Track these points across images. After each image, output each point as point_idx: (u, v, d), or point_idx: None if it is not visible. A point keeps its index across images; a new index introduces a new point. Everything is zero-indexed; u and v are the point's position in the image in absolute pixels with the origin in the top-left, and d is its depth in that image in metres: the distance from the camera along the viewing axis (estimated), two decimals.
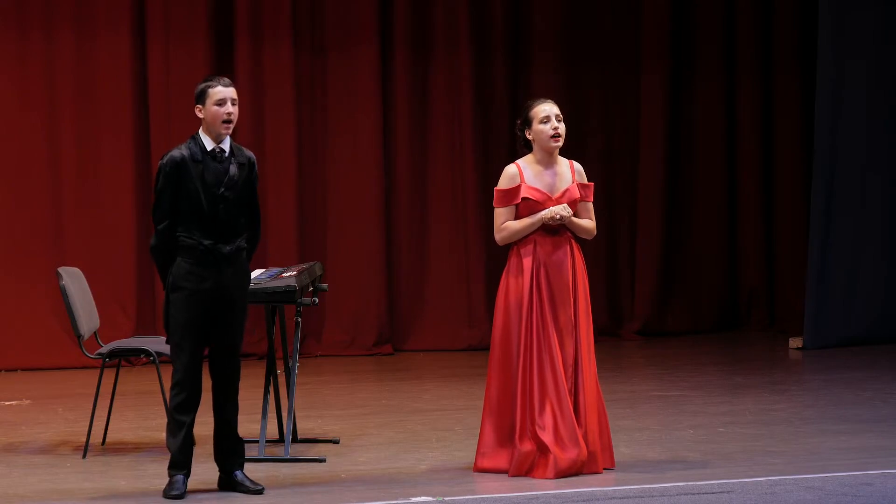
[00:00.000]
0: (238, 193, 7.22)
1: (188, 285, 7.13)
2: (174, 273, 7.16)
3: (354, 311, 12.87)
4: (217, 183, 7.15)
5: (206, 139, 7.20)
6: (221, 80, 7.23)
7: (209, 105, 7.17)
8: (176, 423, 7.18)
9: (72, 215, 12.26)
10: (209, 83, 7.21)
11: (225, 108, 7.16)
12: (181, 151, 7.16)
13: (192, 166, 7.13)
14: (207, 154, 7.17)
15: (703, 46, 13.86)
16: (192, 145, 7.19)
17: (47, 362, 12.05)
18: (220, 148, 7.20)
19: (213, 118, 7.17)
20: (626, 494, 7.03)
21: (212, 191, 7.14)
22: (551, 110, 7.59)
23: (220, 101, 7.16)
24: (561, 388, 7.42)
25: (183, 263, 7.15)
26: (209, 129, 7.20)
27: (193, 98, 7.23)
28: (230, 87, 7.22)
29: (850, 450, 8.09)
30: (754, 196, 13.97)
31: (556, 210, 7.52)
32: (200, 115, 7.20)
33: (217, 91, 7.17)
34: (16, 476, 7.76)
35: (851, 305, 12.75)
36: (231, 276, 7.20)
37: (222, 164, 7.19)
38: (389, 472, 7.74)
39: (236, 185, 7.21)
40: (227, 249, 7.18)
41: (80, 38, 12.23)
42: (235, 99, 7.22)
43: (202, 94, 7.19)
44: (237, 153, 7.27)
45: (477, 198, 12.98)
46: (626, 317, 13.72)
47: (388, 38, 13.00)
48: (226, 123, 7.17)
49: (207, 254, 7.14)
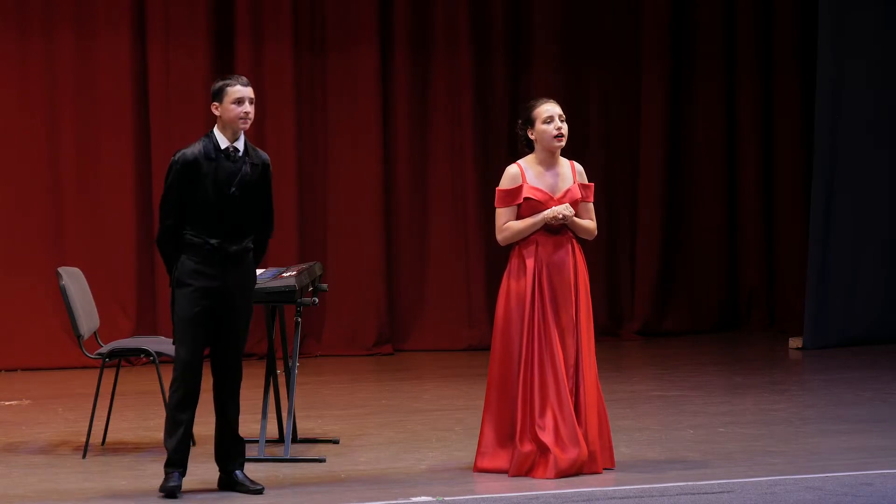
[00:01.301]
0: (249, 194, 7.22)
1: (192, 282, 7.13)
2: (179, 269, 7.16)
3: (354, 311, 12.87)
4: (228, 182, 7.15)
5: (221, 137, 7.19)
6: (240, 80, 7.22)
7: (227, 103, 7.16)
8: (174, 422, 7.18)
9: (72, 215, 12.26)
10: (227, 81, 7.20)
11: (243, 108, 7.16)
12: (194, 149, 7.15)
13: (204, 164, 7.12)
14: (221, 152, 7.17)
15: (703, 46, 13.86)
16: (207, 143, 7.18)
17: (47, 362, 12.05)
18: (234, 147, 7.19)
19: (230, 116, 7.16)
20: (626, 494, 7.03)
21: (222, 189, 7.14)
22: (554, 110, 7.58)
23: (238, 100, 7.16)
24: (562, 388, 7.41)
25: (188, 261, 7.15)
26: (225, 128, 7.19)
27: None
28: (248, 87, 7.21)
29: (850, 450, 8.09)
30: (754, 196, 13.97)
31: (558, 210, 7.52)
32: (217, 113, 7.19)
33: (236, 90, 7.16)
34: (16, 476, 7.76)
35: (851, 305, 12.75)
36: (236, 276, 7.20)
37: (235, 164, 7.18)
38: (389, 472, 7.74)
39: (248, 185, 7.20)
40: (234, 249, 7.17)
41: (80, 38, 12.24)
42: (253, 98, 7.22)
43: (220, 91, 7.18)
44: (252, 154, 7.27)
45: (477, 198, 12.98)
46: (626, 317, 13.72)
47: (388, 38, 13.00)
48: (242, 122, 7.17)
49: (213, 253, 7.13)
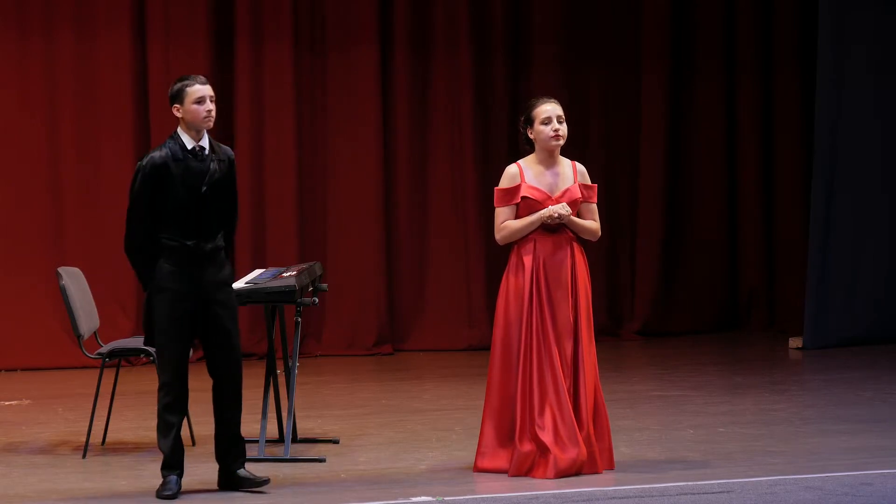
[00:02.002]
0: (219, 191, 7.23)
1: (172, 286, 7.13)
2: (157, 274, 7.15)
3: (354, 311, 12.87)
4: (199, 182, 7.16)
5: (186, 137, 7.20)
6: (198, 79, 7.23)
7: (188, 104, 7.16)
8: (166, 425, 7.17)
9: (72, 215, 12.26)
10: (186, 82, 7.20)
11: (205, 106, 7.16)
12: (161, 152, 7.15)
13: (172, 166, 7.13)
14: (188, 153, 7.17)
15: (703, 46, 13.85)
16: (172, 144, 7.19)
17: (47, 362, 12.05)
18: (200, 146, 7.19)
19: (193, 117, 7.16)
20: (626, 494, 7.03)
21: (195, 190, 7.14)
22: (553, 111, 7.57)
23: (200, 100, 7.16)
24: (560, 388, 7.41)
25: (165, 264, 7.15)
26: (189, 128, 7.20)
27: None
28: (207, 85, 7.21)
29: (850, 450, 8.09)
30: (754, 196, 13.97)
31: (554, 209, 7.51)
32: (179, 115, 7.20)
33: (196, 89, 7.17)
34: (16, 476, 7.76)
35: (851, 305, 12.75)
36: (213, 274, 7.20)
37: (203, 163, 7.19)
38: (389, 472, 7.74)
39: (217, 182, 7.22)
40: (209, 247, 7.19)
41: (80, 38, 12.24)
42: (213, 96, 7.22)
43: (180, 93, 7.18)
44: (217, 150, 7.28)
45: (477, 198, 12.98)
46: (626, 317, 13.72)
47: (388, 38, 13.00)
48: (206, 120, 7.18)
49: (191, 253, 7.14)
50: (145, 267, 7.19)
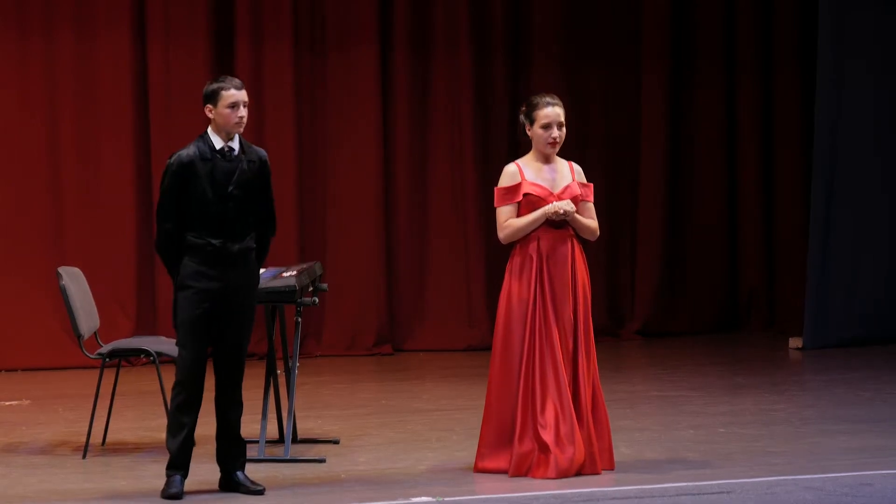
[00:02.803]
0: (248, 192, 7.21)
1: (195, 284, 7.11)
2: (181, 272, 7.15)
3: (354, 311, 12.86)
4: (226, 181, 7.13)
5: (216, 138, 7.17)
6: (234, 82, 7.17)
7: (221, 107, 7.12)
8: (177, 424, 7.16)
9: (72, 215, 12.26)
10: (222, 84, 7.15)
11: (237, 112, 7.13)
12: (189, 151, 7.12)
13: (200, 165, 7.10)
14: (217, 153, 7.15)
15: (703, 46, 13.85)
16: (201, 144, 7.15)
17: (47, 362, 12.04)
18: (229, 146, 7.17)
19: (225, 120, 7.13)
20: (626, 494, 7.03)
21: (221, 190, 7.12)
22: (555, 117, 7.55)
23: (233, 105, 7.12)
24: (562, 386, 7.41)
25: (190, 262, 7.13)
26: (219, 130, 7.17)
27: (201, 97, 7.19)
28: (242, 90, 7.16)
29: (850, 450, 8.09)
30: (754, 196, 13.96)
31: (559, 205, 7.50)
32: (210, 116, 7.16)
33: (230, 94, 7.12)
34: (16, 476, 7.76)
35: (851, 305, 12.74)
36: (238, 277, 7.18)
37: (232, 163, 7.16)
38: (389, 472, 7.74)
39: (246, 183, 7.19)
40: (236, 249, 7.16)
41: (80, 38, 12.24)
42: (247, 101, 7.18)
43: (214, 94, 7.13)
44: (247, 150, 7.24)
45: (477, 198, 12.98)
46: (626, 317, 13.72)
47: (388, 38, 13.00)
48: (237, 126, 7.15)
49: (216, 253, 7.12)
50: (172, 264, 7.18)
